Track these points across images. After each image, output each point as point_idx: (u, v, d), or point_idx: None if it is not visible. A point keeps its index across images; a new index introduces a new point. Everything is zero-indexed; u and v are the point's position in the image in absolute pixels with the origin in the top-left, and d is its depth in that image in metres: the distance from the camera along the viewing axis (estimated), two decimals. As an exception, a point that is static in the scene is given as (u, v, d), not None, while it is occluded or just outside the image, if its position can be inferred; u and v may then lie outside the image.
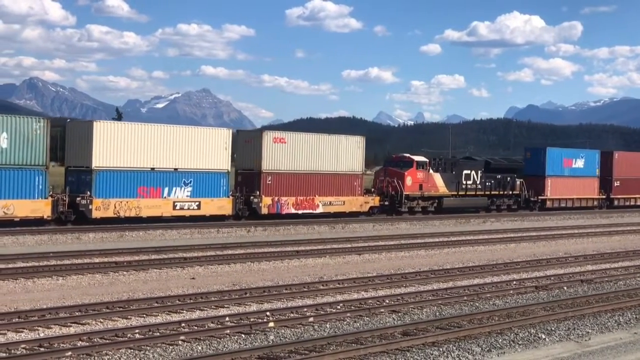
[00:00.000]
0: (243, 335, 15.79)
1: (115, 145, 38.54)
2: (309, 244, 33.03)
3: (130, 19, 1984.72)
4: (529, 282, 24.24)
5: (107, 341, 14.81)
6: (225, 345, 14.99)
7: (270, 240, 33.63)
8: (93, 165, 37.87)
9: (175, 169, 40.83)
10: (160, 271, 24.44)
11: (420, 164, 51.44)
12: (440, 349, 15.03)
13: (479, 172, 55.24)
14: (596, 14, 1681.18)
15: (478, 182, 54.99)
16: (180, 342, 15.01)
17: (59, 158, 64.95)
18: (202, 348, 14.77)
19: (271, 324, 16.62)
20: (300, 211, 45.51)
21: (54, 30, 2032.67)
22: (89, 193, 37.59)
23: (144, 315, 17.50)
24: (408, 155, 53.29)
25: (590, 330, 17.40)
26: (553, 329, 17.28)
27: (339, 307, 18.98)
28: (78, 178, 38.57)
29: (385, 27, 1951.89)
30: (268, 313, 17.75)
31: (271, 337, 15.65)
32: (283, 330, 16.30)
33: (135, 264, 25.37)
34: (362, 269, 26.13)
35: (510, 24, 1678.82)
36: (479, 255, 31.44)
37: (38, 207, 35.87)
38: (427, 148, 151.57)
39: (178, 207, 40.68)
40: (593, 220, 54.69)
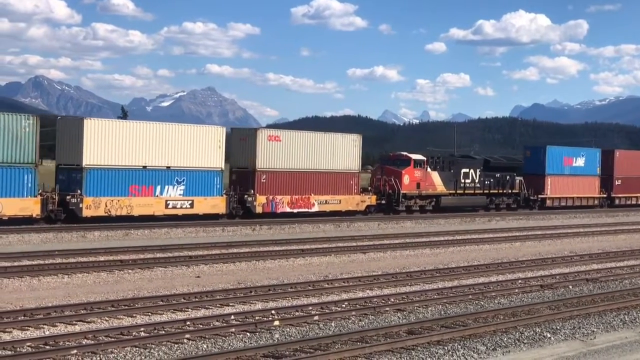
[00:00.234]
0: (248, 333, 15.81)
1: (106, 143, 37.95)
2: (314, 242, 33.02)
3: (136, 18, 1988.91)
4: (534, 281, 24.24)
5: (113, 339, 14.84)
6: (231, 344, 15.00)
7: (275, 239, 33.64)
8: (84, 163, 37.27)
9: (168, 167, 40.18)
10: (166, 269, 24.47)
11: (417, 162, 50.82)
12: (446, 348, 15.03)
13: (478, 171, 54.76)
14: (602, 12, 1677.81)
15: (477, 181, 54.55)
16: (185, 341, 15.03)
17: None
18: (208, 346, 14.78)
19: (276, 323, 16.65)
20: (295, 210, 44.91)
21: (59, 29, 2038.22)
22: (79, 191, 37.02)
23: (149, 314, 17.54)
24: (405, 153, 52.60)
25: (595, 329, 17.39)
26: (558, 327, 17.26)
27: (344, 306, 18.98)
28: (69, 176, 37.95)
29: (390, 26, 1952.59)
30: (273, 311, 17.77)
31: (276, 336, 15.67)
32: (288, 329, 16.32)
33: (140, 262, 25.37)
34: (367, 268, 26.13)
35: (516, 22, 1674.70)
36: (484, 254, 31.42)
37: (27, 206, 35.22)
38: (433, 147, 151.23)
39: (170, 206, 40.13)
40: (598, 219, 54.60)
